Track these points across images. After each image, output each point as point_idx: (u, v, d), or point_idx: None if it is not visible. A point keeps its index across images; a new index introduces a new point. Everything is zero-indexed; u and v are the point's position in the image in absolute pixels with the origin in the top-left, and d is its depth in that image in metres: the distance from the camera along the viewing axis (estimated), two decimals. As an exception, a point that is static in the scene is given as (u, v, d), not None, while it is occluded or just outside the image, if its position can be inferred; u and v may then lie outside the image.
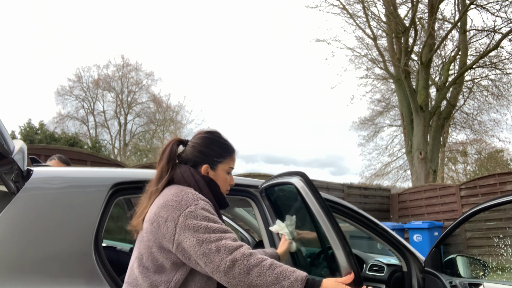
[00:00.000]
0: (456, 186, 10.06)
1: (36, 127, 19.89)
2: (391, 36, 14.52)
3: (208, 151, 1.61)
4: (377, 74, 17.49)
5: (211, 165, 1.60)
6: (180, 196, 1.42)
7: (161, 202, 1.43)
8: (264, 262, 1.30)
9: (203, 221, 1.36)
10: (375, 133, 20.08)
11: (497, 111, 16.64)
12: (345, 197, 9.95)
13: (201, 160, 1.60)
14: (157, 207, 1.43)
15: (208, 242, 1.31)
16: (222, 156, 1.63)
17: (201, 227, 1.34)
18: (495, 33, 13.78)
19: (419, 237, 8.82)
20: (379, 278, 2.93)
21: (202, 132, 1.67)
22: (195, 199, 1.42)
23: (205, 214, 1.38)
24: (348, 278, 1.39)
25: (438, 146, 15.34)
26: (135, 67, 26.36)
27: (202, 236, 1.32)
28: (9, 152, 1.45)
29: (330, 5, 15.04)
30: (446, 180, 20.86)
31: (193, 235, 1.33)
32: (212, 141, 1.64)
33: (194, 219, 1.36)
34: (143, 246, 1.44)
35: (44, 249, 1.53)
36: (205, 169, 1.59)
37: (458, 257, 2.58)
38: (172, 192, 1.46)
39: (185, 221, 1.35)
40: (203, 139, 1.64)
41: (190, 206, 1.39)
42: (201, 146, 1.61)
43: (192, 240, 1.32)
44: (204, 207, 1.41)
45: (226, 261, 1.28)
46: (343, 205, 2.57)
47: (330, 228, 1.43)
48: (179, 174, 1.55)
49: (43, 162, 2.40)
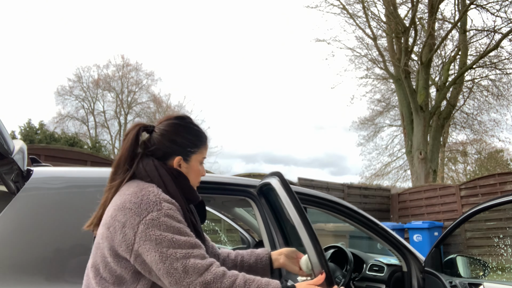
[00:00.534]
0: (456, 186, 10.07)
1: (36, 127, 19.88)
2: (391, 36, 14.52)
3: (181, 140, 1.39)
4: (377, 74, 17.49)
5: (185, 156, 1.40)
6: (140, 197, 1.23)
7: (118, 204, 1.25)
8: (238, 280, 1.19)
9: (167, 233, 1.19)
10: (375, 133, 20.07)
11: (497, 111, 16.66)
12: (345, 197, 9.94)
13: (172, 151, 1.38)
14: (113, 209, 1.25)
15: (173, 260, 1.16)
16: (196, 145, 1.43)
17: (165, 240, 1.17)
18: (495, 33, 13.79)
19: (419, 237, 8.82)
20: (379, 278, 2.93)
21: (171, 117, 1.44)
22: (157, 202, 1.23)
23: (170, 222, 1.21)
24: (320, 279, 1.30)
25: (438, 146, 15.34)
26: (135, 67, 26.35)
27: (166, 251, 1.16)
28: (9, 152, 1.45)
29: (330, 5, 15.06)
30: (446, 180, 20.85)
31: (155, 248, 1.16)
32: (185, 128, 1.42)
33: (157, 229, 1.18)
34: (99, 254, 1.26)
35: (44, 249, 1.53)
36: (178, 161, 1.39)
37: (458, 257, 2.58)
38: (131, 191, 1.26)
39: (146, 230, 1.18)
40: (174, 126, 1.41)
41: (151, 212, 1.20)
42: (172, 134, 1.39)
43: (154, 255, 1.16)
44: (168, 212, 1.22)
45: (196, 285, 1.15)
46: (343, 205, 2.57)
47: (303, 228, 1.40)
48: (140, 167, 1.34)
49: (43, 162, 2.40)
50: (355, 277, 3.08)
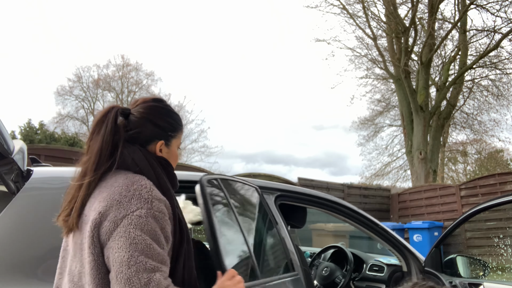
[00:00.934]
0: (456, 186, 10.07)
1: (36, 127, 19.88)
2: (391, 36, 14.52)
3: (163, 124, 1.30)
4: (377, 74, 17.49)
5: (166, 141, 1.31)
6: (131, 191, 1.13)
7: (105, 196, 1.14)
8: None
9: (147, 236, 1.08)
10: (375, 133, 20.07)
11: (497, 111, 16.65)
12: (345, 197, 9.95)
13: (155, 135, 1.28)
14: (98, 202, 1.14)
15: (141, 269, 1.04)
16: (175, 129, 1.34)
17: (142, 243, 1.07)
18: (495, 33, 13.78)
19: (419, 237, 8.82)
20: (379, 278, 2.93)
21: (148, 99, 1.34)
22: (149, 200, 1.13)
23: (154, 226, 1.10)
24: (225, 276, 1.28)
25: (438, 146, 15.35)
26: (135, 67, 26.33)
27: (138, 256, 1.05)
28: (9, 152, 1.45)
29: (330, 5, 15.05)
30: (446, 180, 20.85)
31: (127, 248, 1.05)
32: (165, 110, 1.33)
33: (139, 229, 1.08)
34: (90, 259, 1.10)
35: (44, 249, 1.53)
36: (160, 146, 1.29)
37: (458, 257, 2.58)
38: (121, 183, 1.15)
39: (128, 226, 1.07)
40: (154, 109, 1.31)
41: (140, 209, 1.10)
42: (154, 117, 1.29)
43: (123, 255, 1.05)
44: (157, 215, 1.12)
45: None
46: (343, 205, 2.58)
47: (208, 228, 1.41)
48: (127, 156, 1.21)
49: (43, 162, 2.40)
50: (355, 277, 3.08)
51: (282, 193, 2.34)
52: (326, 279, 2.96)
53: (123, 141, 1.23)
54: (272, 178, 8.41)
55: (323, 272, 3.01)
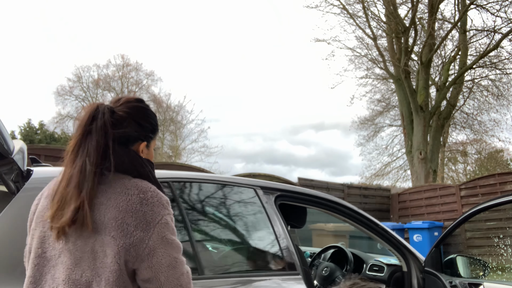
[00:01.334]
0: (456, 186, 10.07)
1: (36, 127, 19.90)
2: (391, 36, 14.52)
3: (146, 125, 1.29)
4: (377, 74, 17.50)
5: (147, 142, 1.31)
6: (149, 199, 1.14)
7: (123, 206, 1.12)
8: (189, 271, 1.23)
9: (174, 237, 1.17)
10: (375, 133, 20.08)
11: (497, 111, 16.65)
12: (345, 197, 9.95)
13: (138, 136, 1.27)
14: (117, 211, 1.11)
15: (182, 265, 1.16)
16: (155, 130, 1.34)
17: (176, 245, 1.16)
18: (495, 33, 13.79)
19: (419, 237, 8.83)
20: (379, 278, 2.93)
21: (132, 99, 1.31)
22: (167, 205, 1.18)
23: (173, 225, 1.18)
24: None
25: (438, 146, 15.35)
26: (135, 67, 26.34)
27: (178, 256, 1.16)
28: (9, 152, 1.45)
29: (330, 5, 15.06)
30: (446, 180, 20.85)
31: (169, 253, 1.13)
32: (148, 111, 1.33)
33: (170, 233, 1.15)
34: (116, 268, 1.08)
35: (44, 249, 1.53)
36: (142, 147, 1.29)
37: (458, 257, 2.58)
38: (134, 192, 1.14)
39: (161, 233, 1.13)
40: (139, 109, 1.30)
41: (165, 216, 1.15)
42: (139, 117, 1.28)
43: (168, 260, 1.13)
44: (172, 217, 1.19)
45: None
46: (343, 205, 2.58)
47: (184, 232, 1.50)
48: (124, 159, 1.20)
49: (43, 162, 2.40)
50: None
51: (282, 193, 2.34)
52: (326, 279, 2.96)
53: (112, 140, 1.18)
54: (272, 178, 8.41)
55: (323, 272, 3.01)
